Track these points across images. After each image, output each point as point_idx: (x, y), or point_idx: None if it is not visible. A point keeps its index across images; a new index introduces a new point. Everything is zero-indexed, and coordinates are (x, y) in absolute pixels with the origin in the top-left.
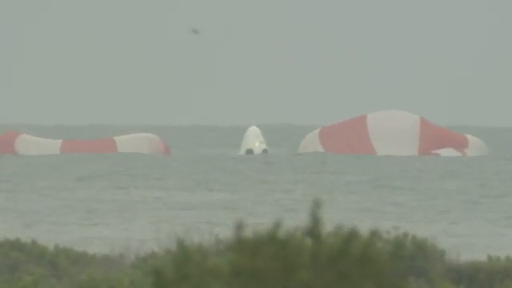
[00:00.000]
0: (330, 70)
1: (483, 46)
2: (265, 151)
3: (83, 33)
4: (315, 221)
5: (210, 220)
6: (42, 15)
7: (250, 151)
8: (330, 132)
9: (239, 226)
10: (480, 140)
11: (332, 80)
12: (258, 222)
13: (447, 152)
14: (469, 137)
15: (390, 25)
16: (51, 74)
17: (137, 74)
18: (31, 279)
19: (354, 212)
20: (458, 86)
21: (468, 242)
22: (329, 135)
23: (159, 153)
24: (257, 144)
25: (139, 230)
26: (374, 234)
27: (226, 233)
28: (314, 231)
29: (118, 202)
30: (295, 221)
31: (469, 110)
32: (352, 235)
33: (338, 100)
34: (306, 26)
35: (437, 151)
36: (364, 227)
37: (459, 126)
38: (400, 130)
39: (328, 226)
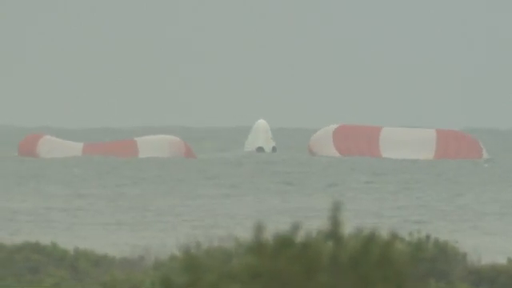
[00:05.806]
0: (330, 72)
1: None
2: (274, 149)
3: (102, 37)
4: (335, 223)
5: (233, 224)
6: (55, 19)
7: (260, 149)
8: (345, 133)
9: (259, 229)
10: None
11: (331, 83)
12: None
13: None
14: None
15: (395, 32)
16: (69, 77)
17: (146, 76)
18: (52, 281)
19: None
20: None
21: None
22: (343, 136)
23: (181, 154)
24: (266, 142)
25: (160, 234)
26: (394, 235)
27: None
28: (334, 234)
29: (140, 206)
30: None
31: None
32: (372, 237)
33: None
34: (306, 27)
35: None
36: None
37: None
38: (413, 138)
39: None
